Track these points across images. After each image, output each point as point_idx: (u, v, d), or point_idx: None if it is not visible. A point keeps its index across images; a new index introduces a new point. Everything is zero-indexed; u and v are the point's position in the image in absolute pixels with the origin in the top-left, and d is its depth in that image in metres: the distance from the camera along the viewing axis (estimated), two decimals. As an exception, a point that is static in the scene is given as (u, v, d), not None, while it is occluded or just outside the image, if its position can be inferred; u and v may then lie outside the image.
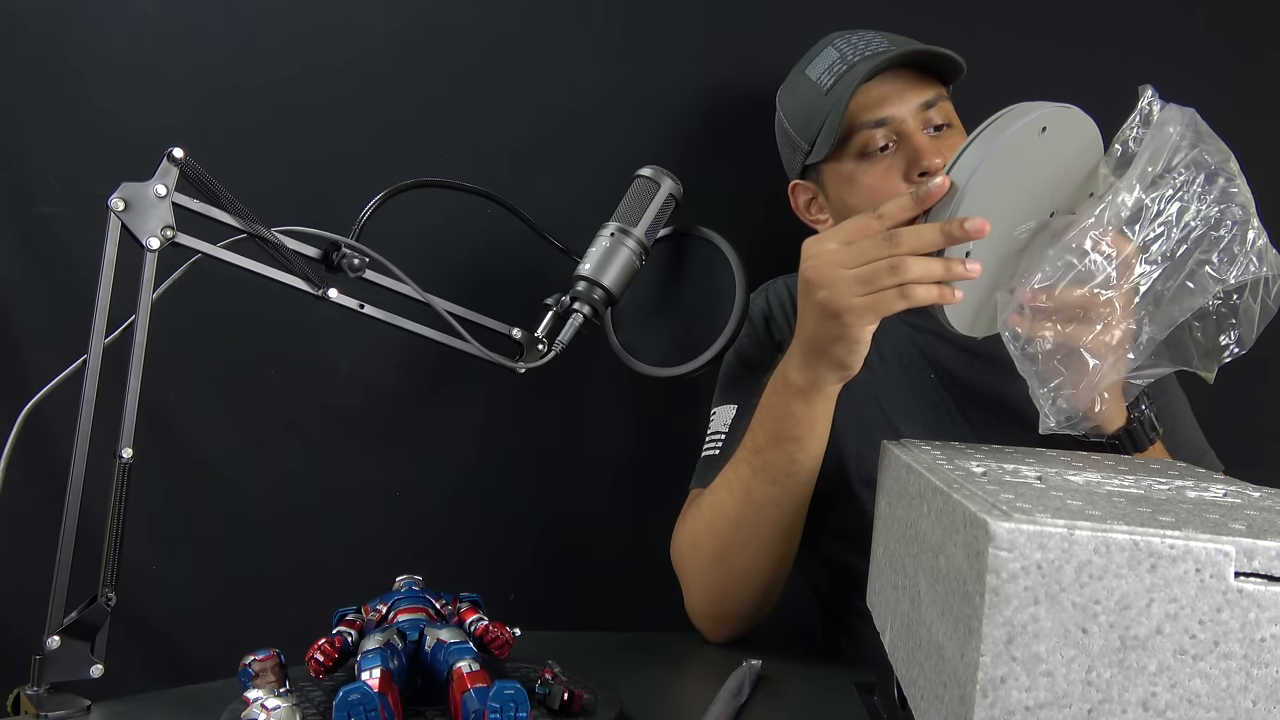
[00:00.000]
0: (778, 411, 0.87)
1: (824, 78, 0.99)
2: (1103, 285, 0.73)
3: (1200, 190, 0.72)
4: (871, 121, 0.98)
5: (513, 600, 1.16)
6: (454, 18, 1.19)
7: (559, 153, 1.21)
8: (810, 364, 0.83)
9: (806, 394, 0.85)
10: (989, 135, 0.75)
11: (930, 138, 0.98)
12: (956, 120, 1.01)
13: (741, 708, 0.75)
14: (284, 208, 0.82)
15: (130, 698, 0.74)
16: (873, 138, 0.98)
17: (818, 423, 0.87)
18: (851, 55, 0.99)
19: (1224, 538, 0.41)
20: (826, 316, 0.78)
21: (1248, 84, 1.30)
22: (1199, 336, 0.75)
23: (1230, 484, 0.62)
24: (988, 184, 0.74)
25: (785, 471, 0.88)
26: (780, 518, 0.91)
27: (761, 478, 0.89)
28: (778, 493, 0.89)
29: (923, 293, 0.75)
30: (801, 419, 0.86)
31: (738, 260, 0.92)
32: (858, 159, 1.00)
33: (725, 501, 0.92)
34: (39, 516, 0.81)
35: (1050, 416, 0.75)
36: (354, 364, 1.18)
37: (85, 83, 1.10)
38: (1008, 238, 0.78)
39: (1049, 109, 0.75)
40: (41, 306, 1.09)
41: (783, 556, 0.94)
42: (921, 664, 0.52)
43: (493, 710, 0.60)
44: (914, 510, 0.59)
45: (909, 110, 0.97)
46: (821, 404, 0.86)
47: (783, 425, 0.87)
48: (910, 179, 0.96)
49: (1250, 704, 0.40)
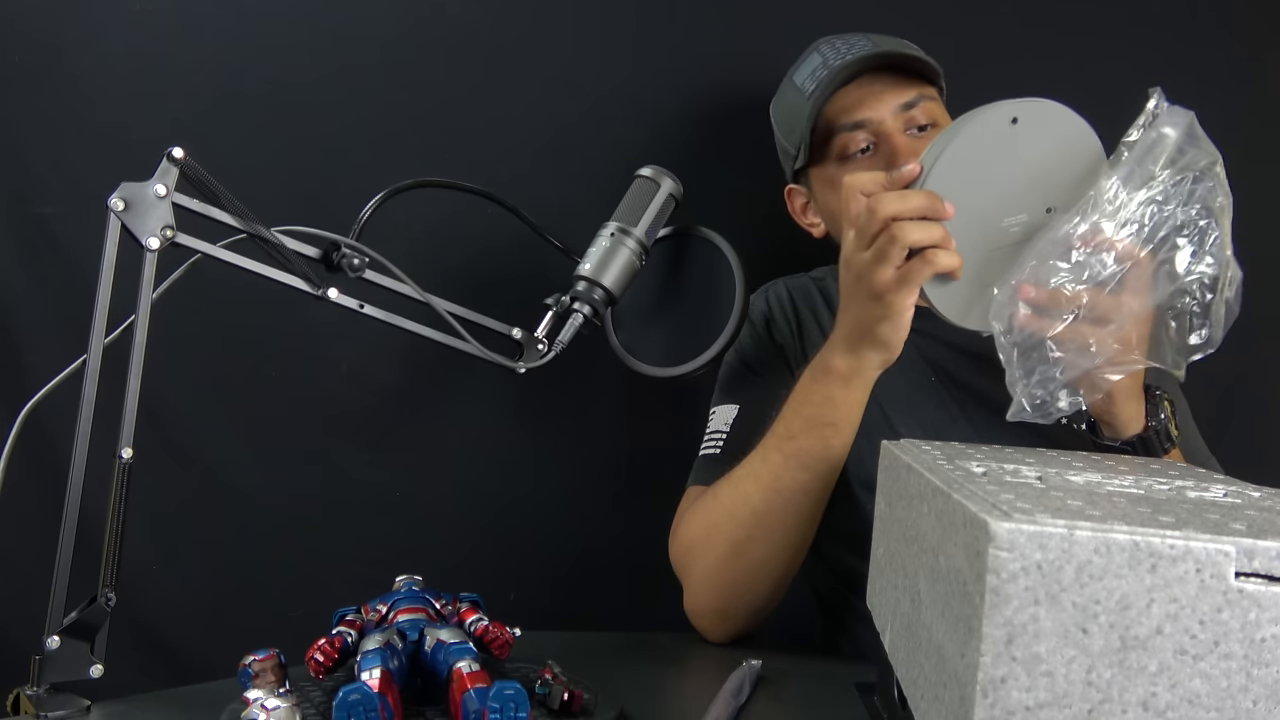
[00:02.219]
0: (816, 398, 0.89)
1: (807, 83, 1.01)
2: (1088, 281, 0.74)
3: (1180, 193, 0.73)
4: (850, 124, 0.99)
5: (513, 600, 1.16)
6: (455, 18, 1.19)
7: (559, 153, 1.21)
8: (855, 349, 0.86)
9: (848, 379, 0.87)
10: (957, 123, 0.80)
11: (913, 138, 0.99)
12: (946, 119, 1.01)
13: (741, 708, 0.75)
14: (284, 208, 0.81)
15: (130, 698, 0.74)
16: (852, 140, 1.00)
17: (855, 409, 0.89)
18: (833, 59, 1.00)
19: (1224, 538, 0.41)
20: (869, 300, 0.82)
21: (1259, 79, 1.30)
22: (1172, 335, 0.76)
23: (1230, 484, 0.62)
24: (955, 168, 0.78)
25: (818, 457, 0.90)
26: (806, 504, 0.92)
27: (793, 464, 0.90)
28: (808, 478, 0.91)
29: (944, 259, 0.78)
30: (840, 404, 0.88)
31: (738, 260, 0.92)
32: (839, 162, 1.01)
33: (750, 490, 0.93)
34: (39, 516, 0.81)
35: (1025, 404, 0.76)
36: (354, 364, 1.17)
37: (85, 83, 1.09)
38: (993, 229, 0.80)
39: (1020, 101, 0.79)
40: (41, 306, 1.09)
41: (799, 548, 0.95)
42: (921, 664, 0.52)
43: (493, 710, 0.60)
44: (914, 510, 0.59)
45: (887, 111, 0.99)
46: (861, 390, 0.89)
47: (820, 410, 0.89)
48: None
49: (1250, 704, 0.40)
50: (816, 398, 0.89)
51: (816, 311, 1.11)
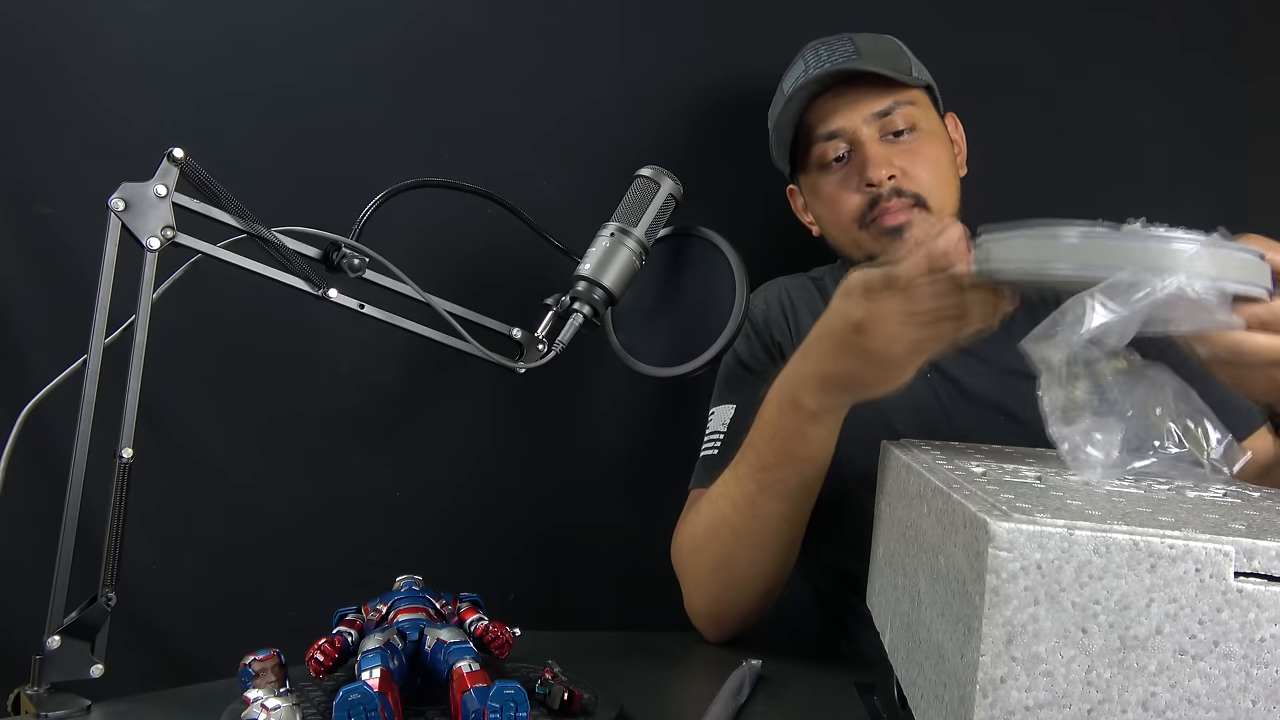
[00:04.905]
0: (786, 432, 0.85)
1: (790, 91, 1.03)
2: None
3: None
4: (825, 135, 1.02)
5: (513, 600, 1.16)
6: (455, 18, 1.19)
7: (559, 153, 1.21)
8: (831, 393, 0.80)
9: (819, 417, 0.83)
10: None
11: (888, 144, 1.01)
12: (928, 123, 1.02)
13: (741, 708, 0.75)
14: (284, 208, 0.82)
15: (130, 698, 0.74)
16: (829, 148, 1.02)
17: (829, 440, 0.86)
18: (813, 67, 1.01)
19: (1224, 538, 0.41)
20: (877, 365, 0.74)
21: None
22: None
23: (1230, 484, 0.62)
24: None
25: (795, 488, 0.88)
26: (785, 529, 0.90)
27: (769, 494, 0.88)
28: (785, 508, 0.89)
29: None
30: (813, 439, 0.85)
31: (738, 260, 0.92)
32: (819, 170, 1.05)
33: (728, 513, 0.91)
34: (39, 516, 0.81)
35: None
36: (354, 364, 1.17)
37: (85, 83, 1.10)
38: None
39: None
40: (41, 306, 1.09)
41: (784, 562, 0.94)
42: (921, 664, 0.52)
43: (493, 710, 0.60)
44: (914, 510, 0.59)
45: (860, 120, 1.01)
46: (834, 424, 0.85)
47: (792, 445, 0.85)
48: (860, 190, 1.00)
49: (1250, 704, 0.40)
50: (787, 432, 0.84)
51: (815, 311, 1.11)
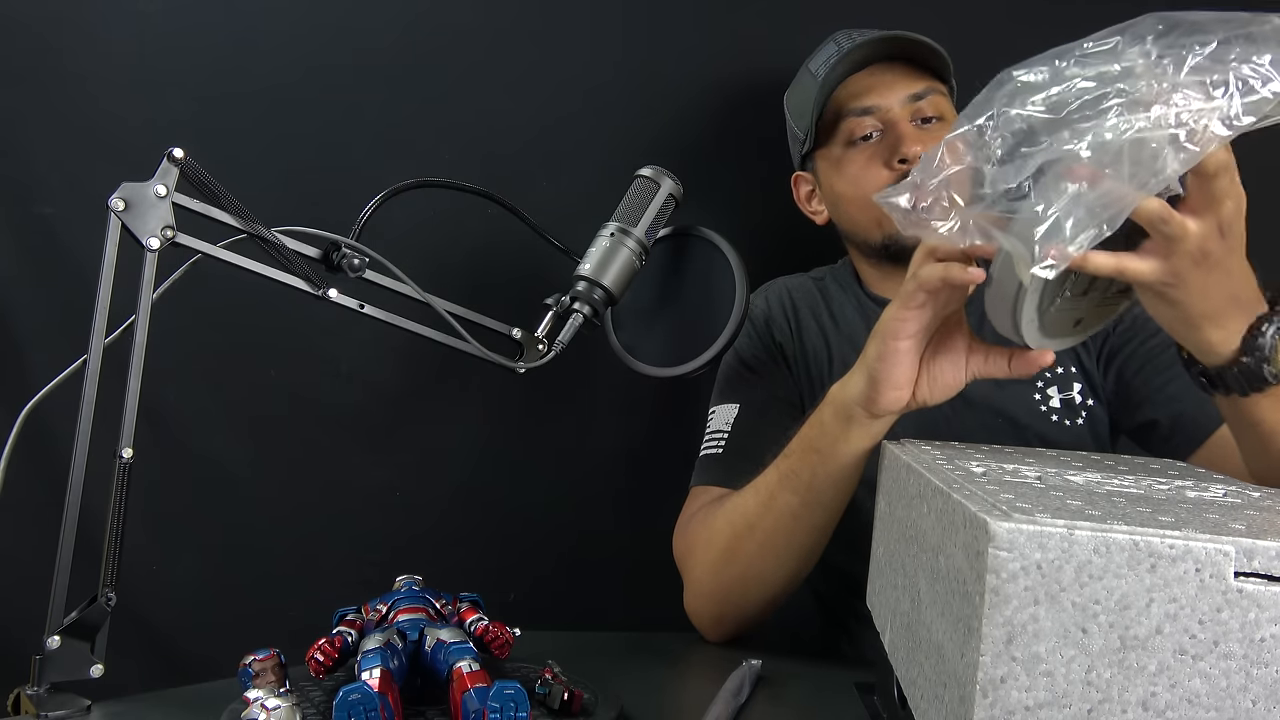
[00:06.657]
0: (813, 421, 0.86)
1: (820, 69, 1.03)
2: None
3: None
4: (858, 109, 1.02)
5: (513, 600, 1.16)
6: (455, 18, 1.19)
7: (559, 152, 1.21)
8: (847, 377, 0.82)
9: (834, 408, 0.83)
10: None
11: (917, 129, 1.01)
12: (953, 115, 1.02)
13: (741, 708, 0.75)
14: (284, 208, 0.81)
15: (130, 698, 0.74)
16: (859, 125, 1.02)
17: (839, 442, 0.83)
18: (846, 45, 1.02)
19: (1224, 538, 0.41)
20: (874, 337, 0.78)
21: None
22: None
23: (1230, 484, 0.62)
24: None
25: (805, 483, 0.86)
26: (796, 530, 0.89)
27: (785, 484, 0.88)
28: (795, 502, 0.87)
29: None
30: (828, 432, 0.83)
31: (738, 260, 0.92)
32: (845, 145, 1.04)
33: (749, 502, 0.91)
34: (39, 516, 0.81)
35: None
36: (354, 364, 1.18)
37: (85, 83, 1.10)
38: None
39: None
40: (41, 306, 1.09)
41: (793, 574, 0.92)
42: (921, 664, 0.52)
43: (493, 710, 0.60)
44: (914, 510, 0.59)
45: (896, 100, 1.01)
46: (842, 424, 0.82)
47: (811, 434, 0.86)
48: (891, 166, 1.00)
49: (1250, 704, 0.40)
50: (813, 420, 0.86)
51: (816, 311, 1.11)
